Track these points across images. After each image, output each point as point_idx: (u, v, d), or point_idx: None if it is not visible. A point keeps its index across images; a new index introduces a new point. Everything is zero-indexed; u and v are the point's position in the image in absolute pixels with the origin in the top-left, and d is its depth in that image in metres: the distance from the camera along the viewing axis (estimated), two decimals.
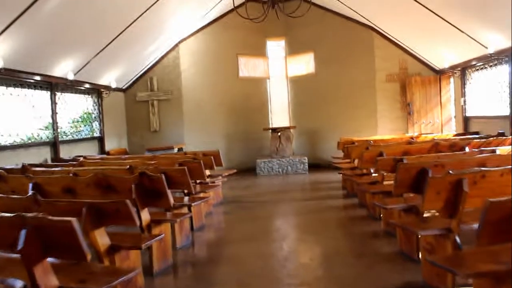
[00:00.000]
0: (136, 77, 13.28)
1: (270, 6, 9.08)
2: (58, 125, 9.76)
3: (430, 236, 4.16)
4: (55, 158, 9.37)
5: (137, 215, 4.88)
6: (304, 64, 14.94)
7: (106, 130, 12.08)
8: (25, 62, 8.14)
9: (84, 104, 11.36)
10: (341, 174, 10.03)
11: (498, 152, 6.06)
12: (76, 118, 11.16)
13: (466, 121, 11.37)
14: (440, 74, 12.68)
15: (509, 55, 8.95)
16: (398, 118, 13.14)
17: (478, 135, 9.76)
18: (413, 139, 9.28)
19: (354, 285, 4.53)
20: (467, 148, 7.20)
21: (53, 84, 9.39)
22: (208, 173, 8.63)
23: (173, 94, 13.41)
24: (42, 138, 9.27)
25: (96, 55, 9.86)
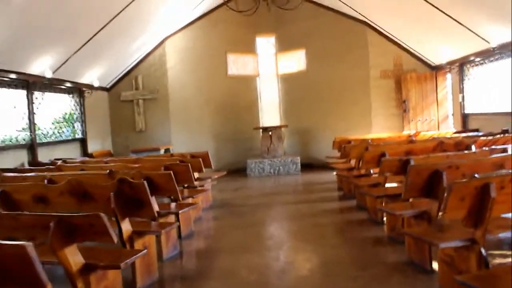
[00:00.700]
0: (120, 75, 12.67)
1: None
2: (38, 126, 9.17)
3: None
4: (33, 161, 8.76)
5: (115, 228, 4.37)
6: (295, 61, 14.43)
7: (89, 131, 11.47)
8: None
9: (65, 104, 10.76)
10: (336, 175, 9.59)
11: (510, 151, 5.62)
12: (57, 119, 10.57)
13: (465, 118, 10.97)
14: (436, 70, 12.26)
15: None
16: (393, 116, 12.70)
17: (479, 133, 9.36)
18: (412, 138, 8.84)
19: None
20: (473, 146, 6.74)
21: (30, 82, 8.78)
22: (196, 175, 8.10)
23: (159, 93, 12.83)
24: (18, 141, 8.67)
25: (76, 52, 9.26)
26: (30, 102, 8.88)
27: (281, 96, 14.86)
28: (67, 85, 10.33)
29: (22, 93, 8.77)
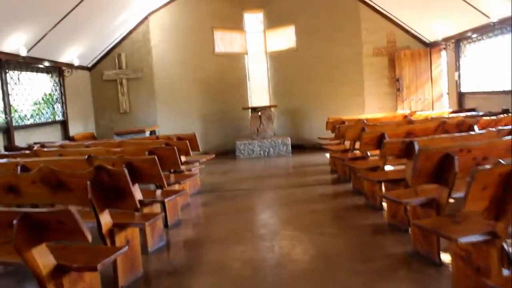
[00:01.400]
0: (102, 54, 12.05)
1: None
2: (15, 108, 8.63)
3: None
4: (9, 146, 8.23)
5: (94, 221, 3.96)
6: (284, 38, 13.91)
7: (70, 113, 10.90)
8: None
9: (45, 84, 10.18)
10: (330, 157, 9.23)
11: None
12: (37, 100, 10.01)
13: (461, 97, 10.60)
14: (430, 47, 11.86)
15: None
16: (387, 94, 12.30)
17: (479, 113, 9.01)
18: (409, 118, 8.46)
19: None
20: (476, 127, 6.39)
21: (2, 61, 8.18)
22: (183, 159, 7.66)
23: (143, 72, 12.27)
24: None
25: (53, 28, 8.65)
26: (5, 82, 8.30)
27: (270, 74, 14.37)
28: (46, 64, 9.73)
29: None
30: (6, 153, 7.29)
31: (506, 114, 7.31)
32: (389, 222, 5.53)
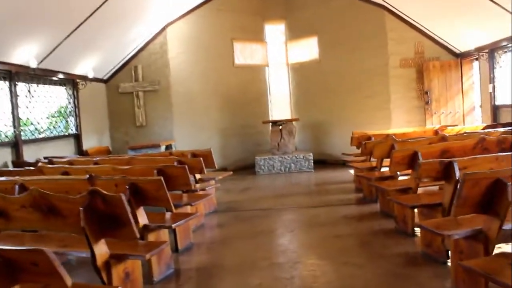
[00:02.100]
0: (118, 66, 11.70)
1: None
2: (30, 121, 8.32)
3: None
4: (17, 161, 7.87)
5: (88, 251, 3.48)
6: (306, 49, 13.42)
7: (84, 126, 10.55)
8: None
9: (60, 97, 9.87)
10: (355, 175, 8.65)
11: None
12: (52, 113, 9.71)
13: (495, 110, 9.90)
14: (461, 58, 11.19)
15: None
16: (414, 108, 11.63)
17: None
18: (442, 134, 7.82)
19: None
20: None
21: (12, 73, 7.86)
22: (198, 176, 7.19)
23: (160, 84, 11.86)
24: (1, 137, 7.79)
25: (65, 39, 8.34)
26: (14, 95, 7.97)
27: (292, 87, 13.89)
28: (59, 76, 9.44)
29: (4, 85, 7.86)
30: (11, 169, 6.91)
31: None
32: (423, 251, 4.92)
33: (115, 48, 10.72)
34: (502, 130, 7.59)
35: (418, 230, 5.47)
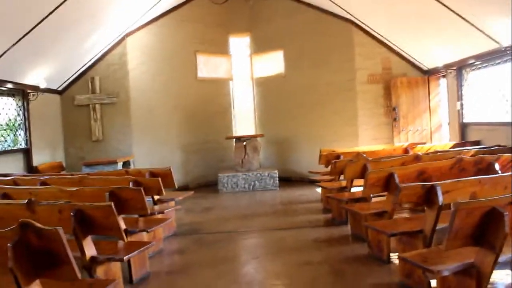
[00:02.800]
0: (74, 76, 10.96)
1: None
2: None
3: None
4: None
5: None
6: (272, 63, 13.07)
7: (35, 140, 9.75)
8: None
9: (7, 108, 9.12)
10: (325, 196, 8.27)
11: None
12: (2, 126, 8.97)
13: (463, 128, 9.76)
14: (428, 75, 11.07)
15: None
16: (382, 125, 11.41)
17: (483, 146, 8.20)
18: (414, 153, 7.53)
19: None
20: (497, 165, 5.49)
21: None
22: (157, 197, 6.64)
23: (119, 97, 11.21)
24: None
25: (15, 44, 7.64)
26: None
27: (256, 102, 13.49)
28: (8, 86, 8.70)
29: None
30: None
31: None
32: (401, 281, 4.53)
33: (71, 57, 10.02)
34: (474, 148, 7.39)
35: (394, 256, 5.10)
